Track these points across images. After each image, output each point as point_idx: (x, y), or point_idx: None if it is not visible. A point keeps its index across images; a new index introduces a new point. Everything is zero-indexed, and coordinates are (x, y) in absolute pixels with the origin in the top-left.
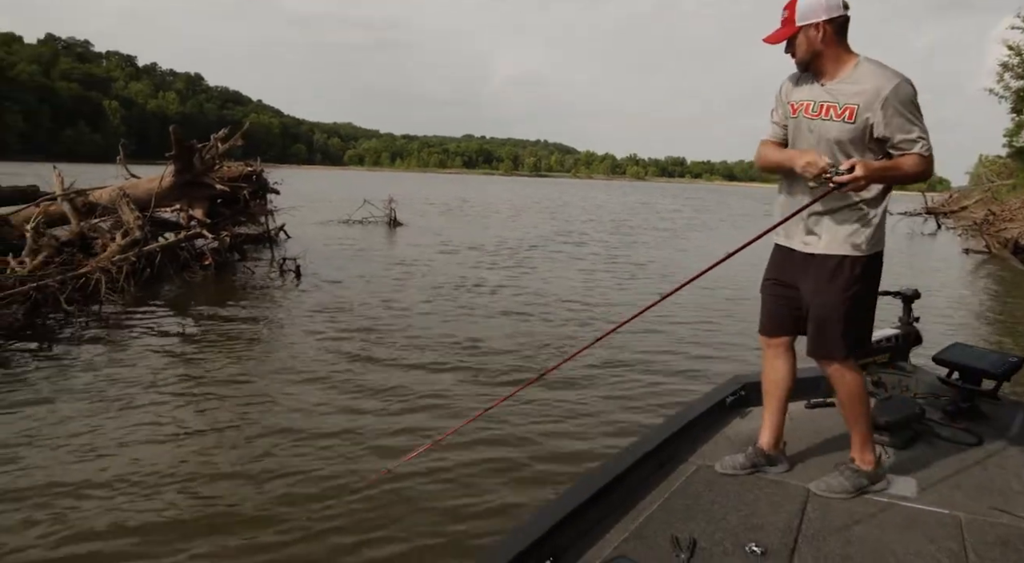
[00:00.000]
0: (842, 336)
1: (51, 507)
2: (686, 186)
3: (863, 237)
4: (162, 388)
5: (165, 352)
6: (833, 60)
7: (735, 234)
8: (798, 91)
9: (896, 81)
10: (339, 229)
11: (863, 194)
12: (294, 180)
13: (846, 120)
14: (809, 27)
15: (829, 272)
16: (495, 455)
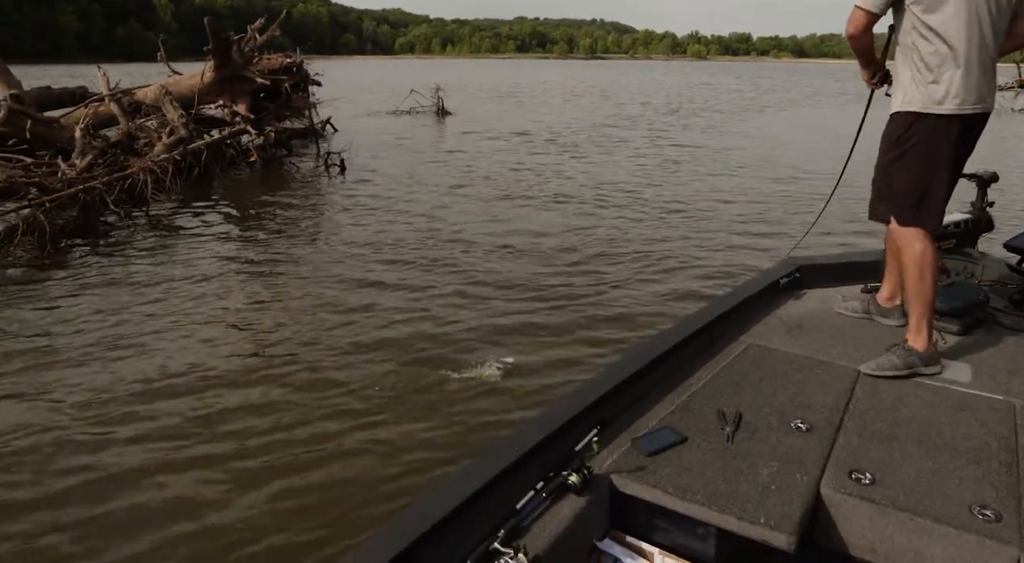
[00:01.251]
0: (880, 199)
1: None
2: (752, 64)
3: (899, 96)
4: (210, 284)
5: (211, 251)
6: None
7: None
8: None
9: None
10: (387, 120)
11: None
12: (344, 71)
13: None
14: None
15: (885, 131)
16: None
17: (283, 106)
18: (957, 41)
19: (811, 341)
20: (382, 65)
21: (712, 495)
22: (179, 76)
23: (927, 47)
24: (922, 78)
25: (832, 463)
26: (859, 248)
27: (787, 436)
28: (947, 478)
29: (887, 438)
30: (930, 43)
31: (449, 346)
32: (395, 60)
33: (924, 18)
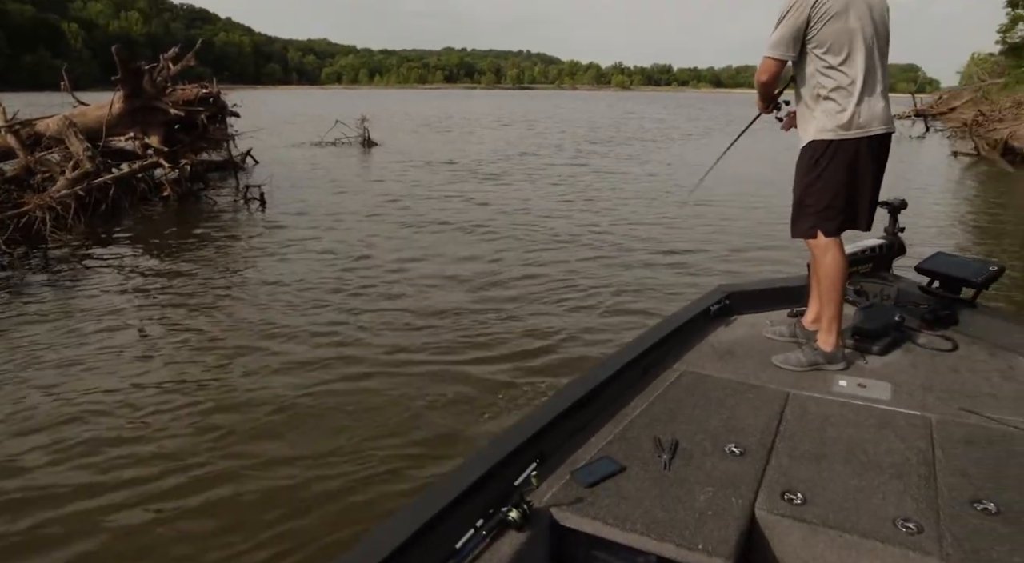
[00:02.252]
0: (801, 217)
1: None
2: (673, 94)
3: (812, 126)
4: (112, 329)
5: (114, 294)
6: None
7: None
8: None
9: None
10: (311, 151)
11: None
12: (268, 101)
13: None
14: None
15: (800, 158)
16: (478, 369)
17: (200, 138)
18: (858, 75)
19: (742, 366)
20: (308, 95)
21: (651, 523)
22: (85, 106)
23: (831, 82)
24: (831, 109)
25: (765, 485)
26: (785, 274)
27: (722, 461)
28: (872, 494)
29: (816, 458)
30: (834, 79)
31: (365, 381)
32: (321, 90)
33: (827, 59)
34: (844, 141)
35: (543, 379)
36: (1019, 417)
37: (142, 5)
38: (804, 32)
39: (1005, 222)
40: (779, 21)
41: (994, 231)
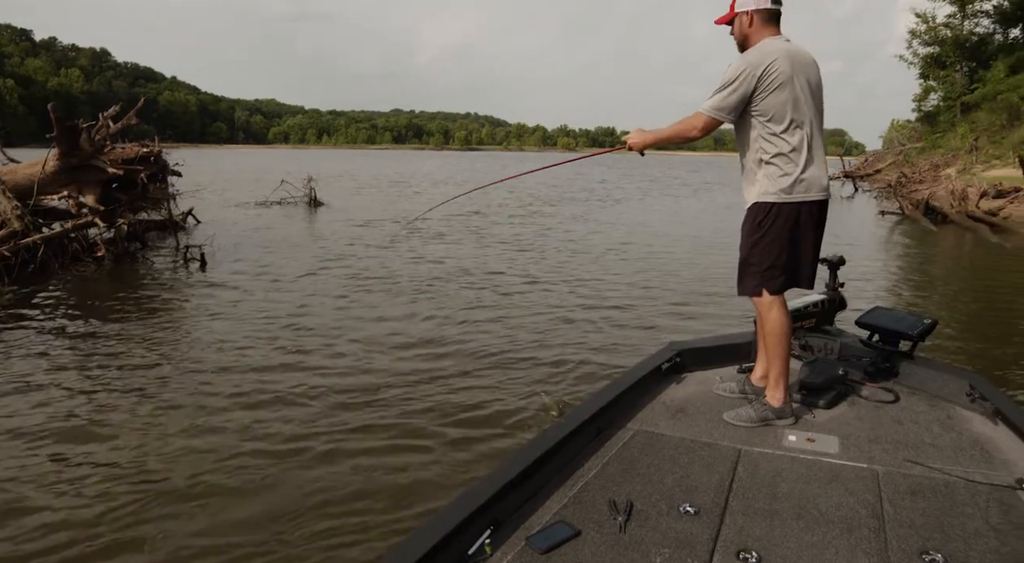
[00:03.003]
0: (747, 276)
1: None
2: (617, 156)
3: (755, 189)
4: (32, 393)
5: (35, 359)
6: (753, 45)
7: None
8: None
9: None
10: (255, 212)
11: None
12: (213, 160)
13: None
14: (742, 14)
15: (746, 218)
16: (424, 433)
17: (139, 197)
18: (799, 143)
19: (694, 424)
20: (254, 155)
21: None
22: (16, 164)
23: (774, 148)
24: (773, 173)
25: (720, 545)
26: (733, 331)
27: (677, 521)
28: (824, 549)
29: (769, 514)
30: (776, 145)
31: (294, 457)
32: (268, 150)
33: (770, 126)
34: (786, 204)
35: (494, 443)
36: (959, 466)
37: (84, 62)
38: (749, 100)
39: (933, 277)
40: (725, 86)
41: (923, 285)
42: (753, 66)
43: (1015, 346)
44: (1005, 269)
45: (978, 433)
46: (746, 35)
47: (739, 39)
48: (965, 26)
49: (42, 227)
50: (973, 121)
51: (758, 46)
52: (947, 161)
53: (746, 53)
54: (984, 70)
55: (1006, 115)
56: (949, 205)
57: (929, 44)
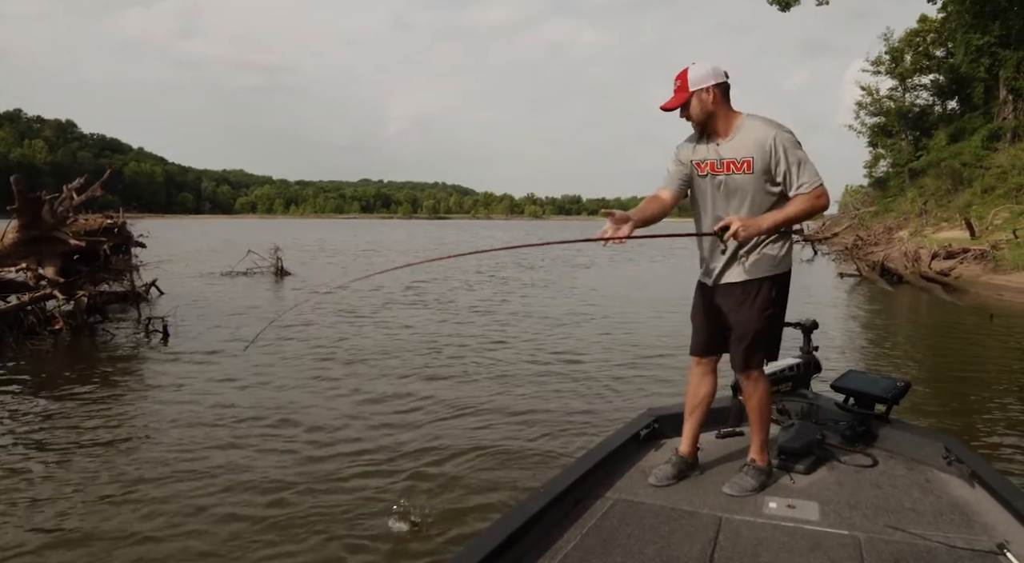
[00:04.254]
0: (757, 349)
1: None
2: (583, 223)
3: (769, 262)
4: None
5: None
6: (723, 119)
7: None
8: (697, 152)
9: (775, 130)
10: (221, 282)
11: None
12: (179, 231)
13: (746, 171)
14: (701, 92)
15: (743, 295)
16: (386, 510)
17: (100, 269)
18: None
19: (674, 491)
20: (221, 225)
21: None
22: None
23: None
24: (788, 245)
25: None
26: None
27: None
28: None
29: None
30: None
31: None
32: (235, 220)
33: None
34: (788, 274)
35: (472, 515)
36: (940, 531)
37: (48, 134)
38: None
39: (896, 337)
40: (797, 152)
41: (888, 346)
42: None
43: (983, 406)
44: (962, 328)
45: (956, 496)
46: (710, 112)
47: (701, 118)
48: (907, 98)
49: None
50: (921, 186)
51: (762, 117)
52: (899, 224)
53: (781, 124)
54: (927, 138)
55: (950, 180)
56: (904, 266)
57: (875, 114)
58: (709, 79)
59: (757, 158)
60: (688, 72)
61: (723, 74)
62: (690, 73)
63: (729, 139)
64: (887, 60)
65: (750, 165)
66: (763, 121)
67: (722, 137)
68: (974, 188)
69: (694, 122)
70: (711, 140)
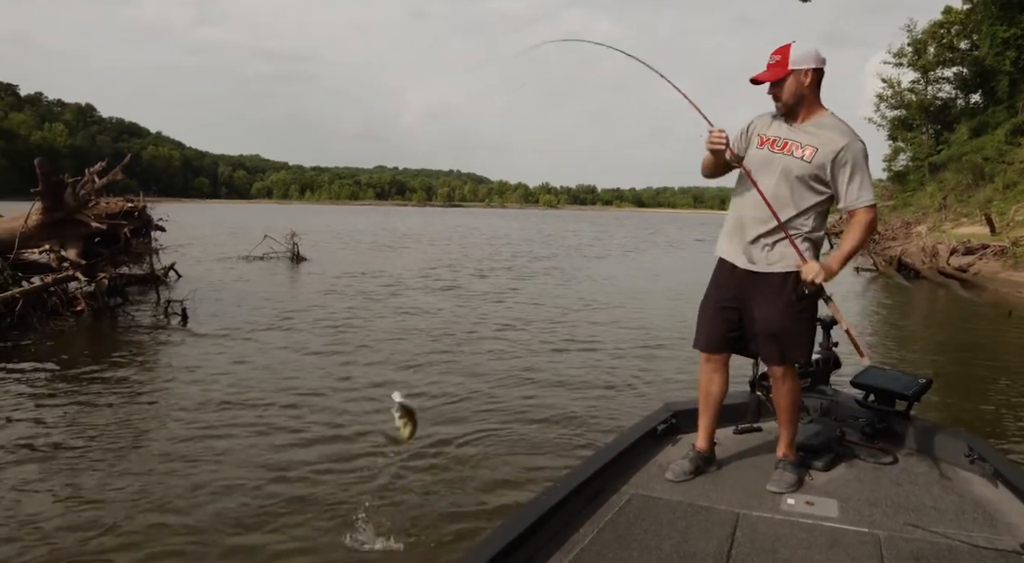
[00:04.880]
0: (800, 343)
1: None
2: (599, 212)
3: (811, 254)
4: (9, 461)
5: (11, 410)
6: (809, 106)
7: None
8: (770, 128)
9: (850, 139)
10: (238, 266)
11: (804, 226)
12: (197, 215)
13: (804, 159)
14: (800, 72)
15: (784, 284)
16: (411, 501)
17: (121, 252)
18: None
19: (691, 487)
20: (238, 209)
21: None
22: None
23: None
24: (818, 240)
25: None
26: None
27: None
28: None
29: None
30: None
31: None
32: (252, 205)
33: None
34: None
35: (489, 508)
36: (962, 530)
37: (68, 117)
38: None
39: (914, 333)
40: (864, 168)
41: (905, 342)
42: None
43: (1005, 404)
44: (982, 325)
45: (979, 495)
46: (802, 97)
47: (791, 101)
48: (929, 91)
49: (21, 281)
50: (941, 181)
51: (842, 121)
52: (918, 219)
53: (854, 132)
54: (949, 132)
55: (971, 175)
56: (921, 262)
57: (896, 108)
58: (811, 61)
59: (820, 152)
60: (791, 49)
61: (823, 60)
62: (792, 50)
63: (805, 124)
64: (910, 52)
65: (812, 154)
66: (845, 125)
67: (801, 122)
68: (996, 183)
69: (781, 102)
70: (787, 121)
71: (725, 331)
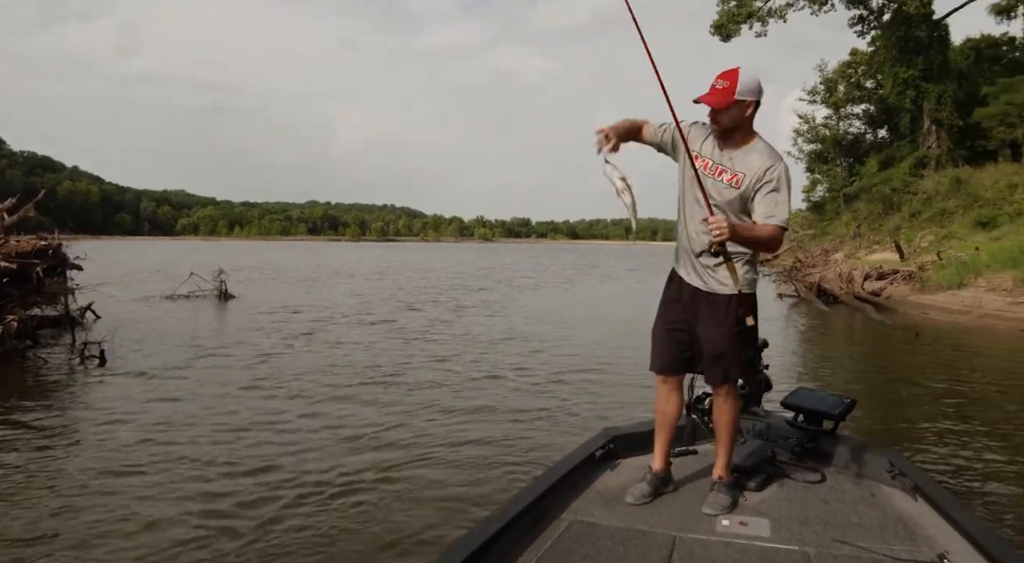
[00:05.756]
0: (742, 363)
1: None
2: (533, 245)
3: (748, 278)
4: None
5: None
6: (744, 133)
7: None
8: (703, 146)
9: (774, 161)
10: (161, 305)
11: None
12: (116, 252)
13: (734, 185)
14: (745, 103)
15: (725, 309)
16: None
17: (33, 292)
18: None
19: (629, 511)
20: (162, 246)
21: None
22: None
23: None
24: (756, 266)
25: None
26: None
27: None
28: None
29: None
30: None
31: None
32: (177, 241)
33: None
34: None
35: (429, 538)
36: (885, 544)
37: None
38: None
39: (832, 354)
40: (787, 195)
41: (825, 362)
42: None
43: (920, 421)
44: (894, 346)
45: (900, 510)
46: (740, 124)
47: (728, 126)
48: (841, 126)
49: None
50: (855, 210)
51: (770, 146)
52: (835, 247)
53: (780, 156)
54: (860, 165)
55: (881, 205)
56: (839, 287)
57: (812, 141)
58: (756, 93)
59: (747, 178)
60: (739, 77)
61: (763, 91)
62: (740, 79)
63: (735, 152)
64: (822, 90)
65: (739, 182)
66: (771, 150)
67: (730, 147)
68: (903, 212)
69: (721, 127)
70: (718, 143)
71: (678, 353)
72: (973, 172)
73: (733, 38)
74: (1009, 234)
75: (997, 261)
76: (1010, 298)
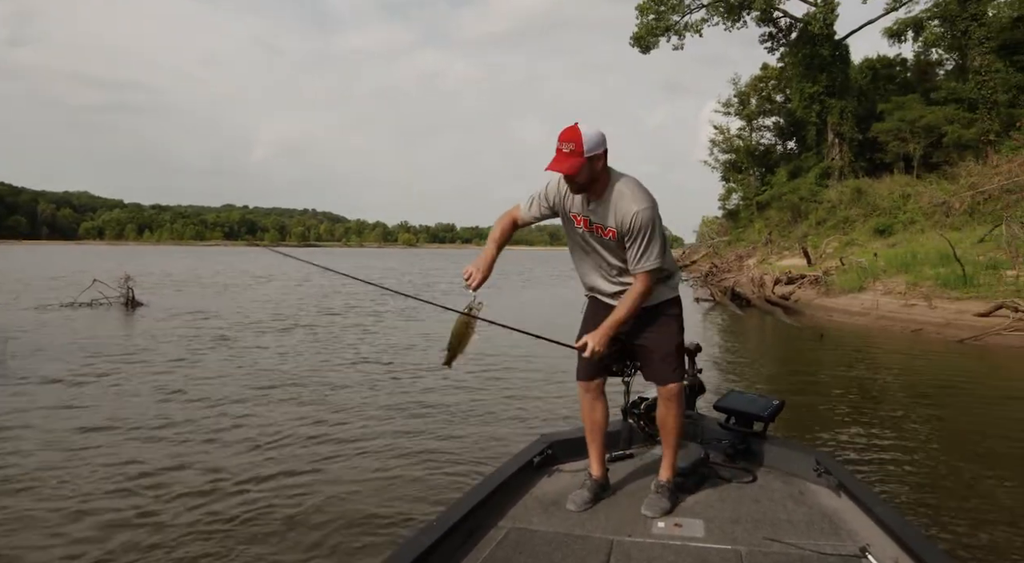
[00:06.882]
0: (681, 363)
1: None
2: (457, 251)
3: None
4: None
5: None
6: (603, 182)
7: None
8: (575, 205)
9: (639, 206)
10: (61, 314)
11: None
12: (9, 258)
13: (611, 238)
14: (595, 158)
15: (656, 313)
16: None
17: None
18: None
19: (567, 517)
20: (62, 251)
21: None
22: None
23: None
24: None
25: None
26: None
27: None
28: None
29: None
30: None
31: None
32: (79, 246)
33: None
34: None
35: (363, 543)
36: (811, 540)
37: None
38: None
39: (747, 356)
40: (653, 237)
41: (740, 364)
42: (656, 207)
43: (836, 419)
44: (801, 347)
45: (826, 506)
46: (596, 177)
47: (585, 181)
48: (753, 137)
49: None
50: (767, 218)
51: (632, 184)
52: (748, 253)
53: (645, 197)
54: (771, 175)
55: (790, 213)
56: (751, 291)
57: (727, 151)
58: (602, 144)
59: (619, 229)
60: (583, 136)
61: (606, 138)
62: (585, 135)
63: (600, 203)
64: (736, 102)
65: (614, 235)
66: (631, 193)
67: (595, 198)
68: (810, 220)
69: (576, 185)
70: (585, 198)
71: (600, 358)
72: (872, 183)
73: (652, 50)
74: (903, 241)
75: (892, 266)
76: (903, 301)
